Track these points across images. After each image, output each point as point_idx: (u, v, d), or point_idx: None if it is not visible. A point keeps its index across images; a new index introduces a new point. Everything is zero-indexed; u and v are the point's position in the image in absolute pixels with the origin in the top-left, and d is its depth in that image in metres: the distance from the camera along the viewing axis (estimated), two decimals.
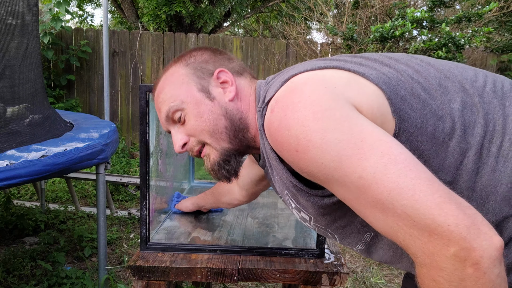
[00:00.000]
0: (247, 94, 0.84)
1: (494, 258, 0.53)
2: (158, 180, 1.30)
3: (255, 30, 11.22)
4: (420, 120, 0.66)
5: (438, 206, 0.54)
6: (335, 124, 0.60)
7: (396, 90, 0.67)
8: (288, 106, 0.64)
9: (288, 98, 0.66)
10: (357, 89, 0.66)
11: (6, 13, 1.87)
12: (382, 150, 0.58)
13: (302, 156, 0.62)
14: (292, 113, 0.63)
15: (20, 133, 1.89)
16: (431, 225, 0.53)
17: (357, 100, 0.64)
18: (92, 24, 11.61)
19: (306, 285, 1.08)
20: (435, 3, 4.42)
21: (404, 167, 0.57)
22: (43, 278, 2.28)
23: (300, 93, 0.64)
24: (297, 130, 0.62)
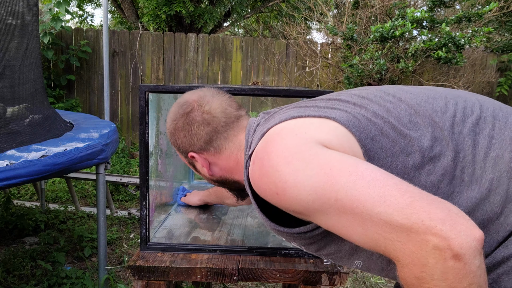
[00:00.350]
0: (225, 156, 0.94)
1: (474, 249, 0.54)
2: (158, 180, 1.30)
3: (255, 30, 11.22)
4: (390, 158, 0.71)
5: (410, 205, 0.57)
6: (305, 163, 0.67)
7: (366, 132, 0.73)
8: (264, 156, 0.73)
9: (264, 149, 0.75)
10: (327, 131, 0.72)
11: (6, 13, 1.87)
12: (349, 170, 0.64)
13: (283, 198, 0.70)
14: (268, 162, 0.72)
15: (20, 133, 1.89)
16: (406, 225, 0.56)
17: (327, 139, 0.71)
18: (92, 24, 11.61)
19: (306, 285, 1.08)
20: (435, 3, 4.42)
21: (371, 179, 0.62)
22: (43, 278, 2.28)
23: (274, 143, 0.74)
24: (274, 176, 0.70)
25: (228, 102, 0.95)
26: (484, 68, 5.69)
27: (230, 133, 0.92)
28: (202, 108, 0.92)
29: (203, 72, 5.57)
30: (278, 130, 0.76)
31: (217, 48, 5.58)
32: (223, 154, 0.93)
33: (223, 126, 0.92)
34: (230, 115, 0.93)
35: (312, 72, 5.46)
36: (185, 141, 0.94)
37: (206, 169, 0.96)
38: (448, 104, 0.76)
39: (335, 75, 5.50)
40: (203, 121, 0.91)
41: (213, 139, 0.92)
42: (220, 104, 0.93)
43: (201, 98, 0.93)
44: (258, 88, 1.16)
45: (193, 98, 0.94)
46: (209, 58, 5.58)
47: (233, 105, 0.95)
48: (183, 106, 0.94)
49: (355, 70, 4.45)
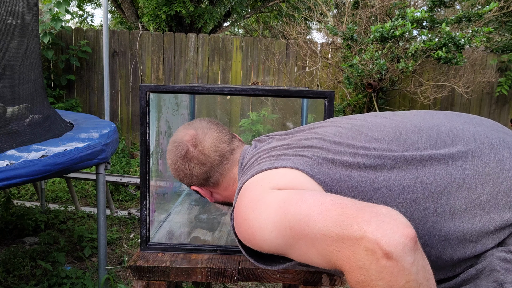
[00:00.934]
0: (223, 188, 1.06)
1: (403, 245, 0.55)
2: (158, 180, 1.30)
3: (255, 30, 11.22)
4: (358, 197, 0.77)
5: (341, 215, 0.61)
6: (265, 206, 0.75)
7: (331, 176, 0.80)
8: (238, 209, 0.83)
9: (238, 204, 0.84)
10: (290, 179, 0.80)
11: (6, 13, 1.87)
12: (296, 198, 0.71)
13: (255, 242, 0.77)
14: (239, 214, 0.81)
15: (20, 133, 1.89)
16: (340, 233, 0.60)
17: (289, 185, 0.79)
18: (92, 24, 11.61)
19: (306, 285, 1.07)
20: (435, 3, 4.42)
21: (312, 201, 0.68)
22: (43, 278, 2.28)
23: (244, 197, 0.82)
24: (244, 224, 0.79)
25: (220, 138, 1.03)
26: (484, 68, 5.69)
27: (225, 168, 1.03)
28: (196, 149, 1.01)
29: (203, 72, 5.57)
30: (248, 184, 0.84)
31: (217, 48, 5.58)
32: (221, 186, 1.05)
33: (217, 164, 1.02)
34: (223, 153, 1.02)
35: (312, 72, 5.45)
36: (186, 178, 1.05)
37: (208, 197, 1.09)
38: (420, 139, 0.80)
39: (335, 75, 5.50)
40: (199, 162, 1.01)
41: (211, 176, 1.03)
42: (212, 142, 1.02)
43: (194, 138, 1.02)
44: (258, 88, 1.16)
45: (186, 138, 1.02)
46: (209, 58, 5.58)
47: (225, 140, 1.04)
48: (179, 147, 1.02)
49: (355, 70, 4.45)
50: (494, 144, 0.78)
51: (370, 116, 0.91)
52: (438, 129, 0.82)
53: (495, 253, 0.71)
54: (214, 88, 1.11)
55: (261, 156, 0.93)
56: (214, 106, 4.86)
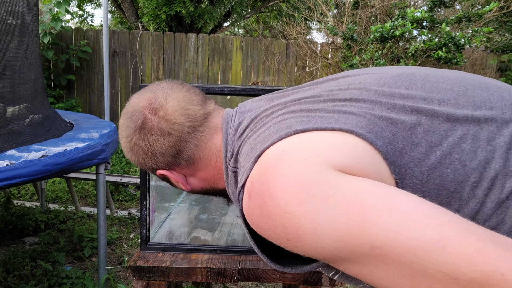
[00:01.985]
0: (202, 166, 0.77)
1: None
2: (158, 180, 1.30)
3: (255, 30, 11.22)
4: (426, 172, 0.55)
5: (480, 252, 0.43)
6: (324, 200, 0.51)
7: (393, 144, 0.56)
8: (265, 192, 0.55)
9: (263, 182, 0.56)
10: (345, 151, 0.55)
11: (6, 13, 1.87)
12: (387, 205, 0.48)
13: (296, 244, 0.53)
14: (271, 200, 0.54)
15: (20, 133, 1.89)
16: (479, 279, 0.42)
17: (347, 164, 0.54)
18: (92, 24, 11.62)
19: (306, 285, 1.07)
20: (435, 3, 4.42)
21: (419, 216, 0.46)
22: (43, 278, 2.28)
23: (276, 174, 0.54)
24: (282, 218, 0.53)
25: (188, 99, 0.75)
26: (484, 68, 5.69)
27: (201, 138, 0.74)
28: (156, 115, 0.72)
29: (203, 72, 5.57)
30: (279, 153, 0.57)
31: (217, 48, 5.58)
32: (198, 164, 0.77)
33: (189, 132, 0.73)
34: (194, 116, 0.74)
35: (312, 72, 5.45)
36: (148, 159, 0.76)
37: (182, 184, 0.80)
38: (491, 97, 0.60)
39: None
40: (162, 131, 0.72)
41: (181, 151, 0.74)
42: (178, 104, 0.73)
43: (151, 102, 0.73)
44: (259, 88, 1.16)
45: (142, 104, 0.74)
46: (209, 58, 5.58)
47: (195, 101, 0.75)
48: (133, 117, 0.74)
49: None
50: None
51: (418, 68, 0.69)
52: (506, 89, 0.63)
53: None
54: (214, 88, 1.11)
55: (277, 112, 0.67)
56: None
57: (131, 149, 0.76)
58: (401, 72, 0.66)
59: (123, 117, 0.77)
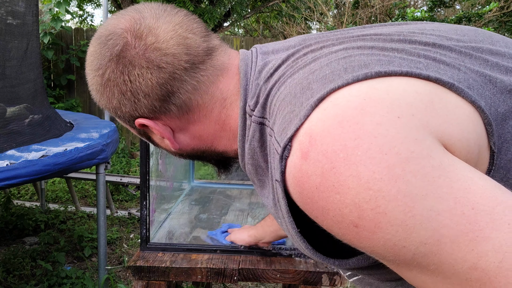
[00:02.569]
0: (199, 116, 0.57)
1: None
2: (158, 180, 1.30)
3: (255, 30, 11.22)
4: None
5: None
6: (426, 184, 0.36)
7: (495, 107, 0.43)
8: (337, 152, 0.38)
9: (334, 137, 0.38)
10: (444, 113, 0.40)
11: (6, 13, 1.87)
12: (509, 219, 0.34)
13: (366, 235, 0.38)
14: (346, 166, 0.37)
15: (20, 133, 1.89)
16: None
17: (448, 133, 0.39)
18: (92, 24, 11.62)
19: (306, 285, 1.07)
20: (435, 3, 4.42)
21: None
22: (43, 278, 2.28)
23: (358, 130, 0.37)
24: (359, 195, 0.37)
25: (188, 25, 0.54)
26: None
27: (203, 79, 0.54)
28: (142, 40, 0.52)
29: None
30: (359, 101, 0.39)
31: None
32: (194, 114, 0.56)
33: (186, 68, 0.52)
34: (196, 49, 0.53)
35: None
36: (125, 102, 0.55)
37: (169, 141, 0.59)
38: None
39: None
40: (149, 63, 0.52)
41: (174, 93, 0.53)
42: (173, 30, 0.52)
43: (137, 24, 0.52)
44: None
45: (122, 25, 0.53)
46: None
47: (197, 30, 0.55)
48: (109, 42, 0.53)
49: None
50: None
51: None
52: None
53: None
54: None
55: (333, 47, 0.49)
56: None
57: (103, 86, 0.55)
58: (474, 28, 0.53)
59: (94, 43, 0.56)
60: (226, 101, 0.56)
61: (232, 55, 0.59)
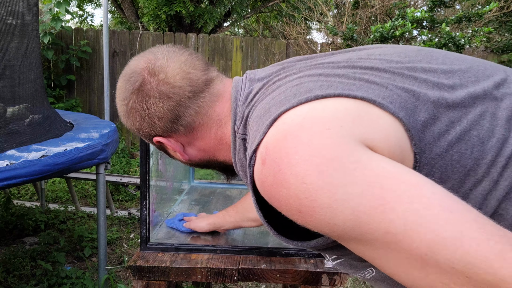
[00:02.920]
0: (201, 134, 0.73)
1: None
2: (158, 180, 1.30)
3: (255, 30, 11.22)
4: (445, 147, 0.54)
5: (499, 256, 0.42)
6: (344, 176, 0.48)
7: (415, 116, 0.54)
8: (283, 158, 0.51)
9: (281, 147, 0.52)
10: (369, 124, 0.53)
11: (6, 13, 1.87)
12: (410, 193, 0.46)
13: (308, 218, 0.51)
14: (288, 168, 0.50)
15: (20, 133, 1.89)
16: (492, 282, 0.42)
17: (370, 138, 0.52)
18: (92, 24, 11.62)
19: (306, 285, 1.07)
20: (435, 3, 4.42)
21: (442, 210, 0.45)
22: (43, 278, 2.28)
23: (296, 141, 0.51)
24: (298, 188, 0.50)
25: (191, 63, 0.71)
26: None
27: (202, 105, 0.70)
28: (155, 77, 0.69)
29: None
30: (299, 119, 0.53)
31: (217, 48, 5.58)
32: (197, 132, 0.73)
33: (189, 97, 0.69)
34: (196, 81, 0.70)
35: None
36: (144, 124, 0.72)
37: (179, 154, 0.76)
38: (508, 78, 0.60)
39: None
40: (161, 95, 0.68)
41: (180, 116, 0.70)
42: (179, 67, 0.69)
43: (151, 64, 0.70)
44: None
45: (141, 65, 0.71)
46: (209, 58, 5.58)
47: (198, 66, 0.71)
48: (131, 79, 0.70)
49: None
50: None
51: (429, 48, 0.69)
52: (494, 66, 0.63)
53: None
54: None
55: (291, 75, 0.64)
56: None
57: (128, 113, 0.72)
58: (421, 48, 0.65)
59: (121, 80, 0.73)
60: (221, 122, 0.72)
61: (226, 83, 0.75)
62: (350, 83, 0.57)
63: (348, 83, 0.57)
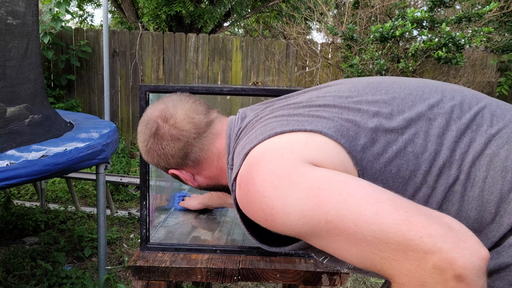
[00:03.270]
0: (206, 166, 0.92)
1: (479, 269, 0.50)
2: (158, 180, 1.30)
3: (255, 30, 11.22)
4: (383, 164, 0.68)
5: (406, 221, 0.53)
6: (292, 186, 0.64)
7: (355, 141, 0.69)
8: (249, 181, 0.69)
9: (249, 173, 0.70)
10: (315, 148, 0.68)
11: (6, 13, 1.87)
12: (339, 188, 0.60)
13: (272, 224, 0.66)
14: (253, 187, 0.68)
15: (20, 133, 1.89)
16: (403, 242, 0.53)
17: (316, 158, 0.67)
18: (92, 24, 11.62)
19: (306, 285, 1.08)
20: (435, 3, 4.42)
21: (363, 195, 0.58)
22: (43, 278, 2.28)
23: (258, 167, 0.69)
24: (260, 202, 0.66)
25: (194, 109, 0.90)
26: (484, 68, 5.69)
27: (205, 143, 0.89)
28: (167, 123, 0.87)
29: (203, 72, 5.57)
30: (262, 151, 0.71)
31: (217, 48, 5.58)
32: (203, 164, 0.91)
33: (194, 138, 0.88)
34: (199, 124, 0.88)
35: (312, 72, 5.45)
36: (161, 160, 0.91)
37: (190, 182, 0.95)
38: (444, 99, 0.72)
39: (335, 75, 5.50)
40: (172, 137, 0.87)
41: (188, 153, 0.89)
42: (185, 114, 0.88)
43: (163, 112, 0.89)
44: (259, 88, 1.16)
45: (155, 114, 0.90)
46: (209, 58, 5.58)
47: (200, 111, 0.90)
48: (148, 125, 0.90)
49: (355, 70, 4.45)
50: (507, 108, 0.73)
51: (384, 77, 0.83)
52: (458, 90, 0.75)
53: None
54: (214, 88, 1.12)
55: (264, 117, 0.80)
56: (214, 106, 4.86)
57: (147, 152, 0.92)
58: (371, 81, 0.79)
59: (141, 125, 0.92)
60: (220, 155, 0.90)
61: (224, 122, 0.92)
62: (304, 120, 0.73)
63: (302, 120, 0.73)
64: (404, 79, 0.79)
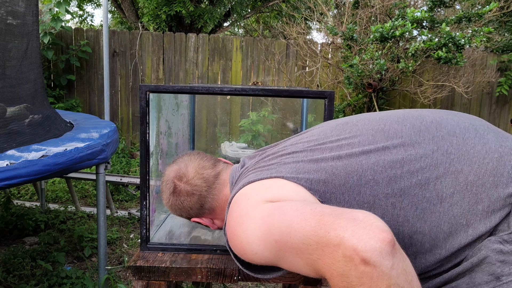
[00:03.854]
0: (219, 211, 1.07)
1: (380, 250, 0.55)
2: (158, 180, 1.30)
3: (255, 30, 11.22)
4: (347, 193, 0.78)
5: (319, 222, 0.62)
6: (250, 220, 0.77)
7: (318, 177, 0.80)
8: (228, 223, 0.85)
9: (228, 217, 0.86)
10: (276, 189, 0.81)
11: (6, 13, 1.87)
12: (279, 211, 0.71)
13: (245, 255, 0.79)
14: (229, 229, 0.84)
15: (20, 133, 1.89)
16: (318, 241, 0.61)
17: (277, 196, 0.79)
18: (92, 24, 11.62)
19: (306, 285, 1.07)
20: (435, 3, 4.42)
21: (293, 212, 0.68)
22: (43, 278, 2.28)
23: (232, 211, 0.84)
24: (234, 239, 0.81)
25: (202, 165, 1.06)
26: (484, 68, 5.69)
27: (215, 192, 1.04)
28: (182, 182, 1.04)
29: (203, 72, 5.57)
30: (236, 197, 0.86)
31: (217, 48, 5.58)
32: (217, 211, 1.07)
33: (206, 190, 1.04)
34: (208, 178, 1.04)
35: (312, 72, 5.45)
36: (183, 212, 1.08)
37: (210, 226, 1.10)
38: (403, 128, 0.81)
39: (335, 75, 5.49)
40: (187, 193, 1.04)
41: (203, 204, 1.05)
42: (195, 171, 1.04)
43: (177, 172, 1.05)
44: (258, 88, 1.16)
45: (172, 175, 1.06)
46: (209, 58, 5.58)
47: (207, 166, 1.06)
48: (167, 185, 1.06)
49: (355, 70, 4.45)
50: (479, 129, 0.79)
51: (358, 115, 0.94)
52: (422, 119, 0.83)
53: (490, 245, 0.70)
54: (214, 88, 1.11)
55: (249, 169, 0.95)
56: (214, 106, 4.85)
57: (171, 207, 1.08)
58: (340, 123, 0.91)
59: (162, 184, 1.09)
60: (227, 201, 0.99)
61: (229, 171, 1.07)
62: (272, 168, 0.87)
63: (271, 168, 0.87)
64: (371, 115, 0.90)
